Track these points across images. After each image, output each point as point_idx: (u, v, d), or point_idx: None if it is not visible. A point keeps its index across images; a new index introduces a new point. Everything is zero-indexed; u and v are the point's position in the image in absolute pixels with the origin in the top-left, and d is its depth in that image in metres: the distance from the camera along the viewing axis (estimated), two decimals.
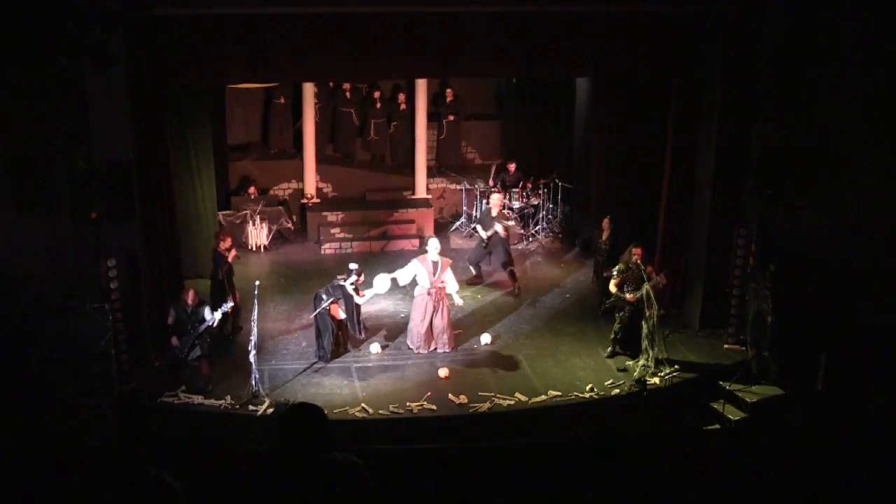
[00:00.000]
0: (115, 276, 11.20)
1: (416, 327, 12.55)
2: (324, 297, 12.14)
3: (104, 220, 10.93)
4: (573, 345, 12.91)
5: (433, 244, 12.46)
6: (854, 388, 10.50)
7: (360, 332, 12.58)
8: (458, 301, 12.72)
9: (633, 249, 11.96)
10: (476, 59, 12.63)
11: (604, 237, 13.76)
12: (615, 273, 12.08)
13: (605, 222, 13.78)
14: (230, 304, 11.75)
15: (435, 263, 12.39)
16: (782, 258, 11.74)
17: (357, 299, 12.29)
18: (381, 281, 12.66)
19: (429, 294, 12.39)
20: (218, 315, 11.40)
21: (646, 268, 11.94)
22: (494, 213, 14.63)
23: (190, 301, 11.29)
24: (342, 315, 12.31)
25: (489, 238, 14.40)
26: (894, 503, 6.23)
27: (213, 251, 12.77)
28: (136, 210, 11.39)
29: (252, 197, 16.44)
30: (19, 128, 10.64)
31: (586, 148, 15.87)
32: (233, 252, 12.79)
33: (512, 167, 16.85)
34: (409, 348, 12.64)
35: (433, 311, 12.45)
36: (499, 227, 14.32)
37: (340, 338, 12.49)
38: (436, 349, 12.55)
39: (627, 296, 11.95)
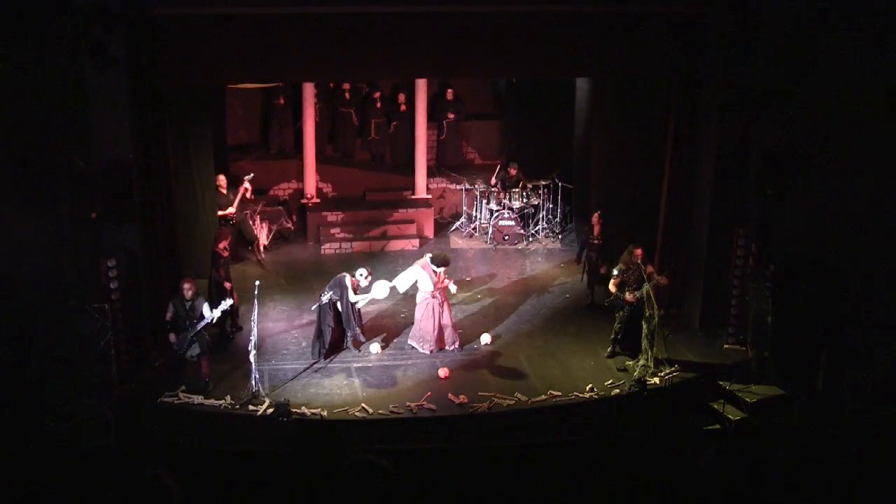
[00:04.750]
0: (115, 276, 11.20)
1: (427, 331, 12.50)
2: (326, 289, 12.15)
3: (104, 220, 10.93)
4: (573, 345, 12.91)
5: (430, 261, 12.42)
6: (854, 388, 10.51)
7: (357, 329, 12.50)
8: (454, 289, 12.64)
9: (635, 250, 11.96)
10: (476, 59, 12.64)
11: (595, 232, 13.75)
12: (615, 273, 12.08)
13: (596, 217, 13.79)
14: (229, 301, 11.74)
15: (436, 270, 12.38)
16: (782, 258, 11.75)
17: (351, 296, 12.25)
18: (380, 287, 12.66)
19: (433, 297, 12.40)
20: (217, 313, 11.38)
21: (646, 268, 11.95)
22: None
23: (188, 295, 11.24)
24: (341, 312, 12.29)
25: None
26: (894, 503, 6.23)
27: (212, 251, 12.78)
28: (136, 210, 11.39)
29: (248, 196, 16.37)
30: (19, 128, 10.64)
31: (586, 148, 15.88)
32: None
33: (513, 171, 16.87)
34: (411, 348, 12.63)
35: (440, 312, 12.46)
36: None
37: (340, 334, 12.47)
38: (444, 348, 12.56)
39: (627, 296, 11.95)
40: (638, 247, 12.01)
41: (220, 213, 14.48)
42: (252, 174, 15.27)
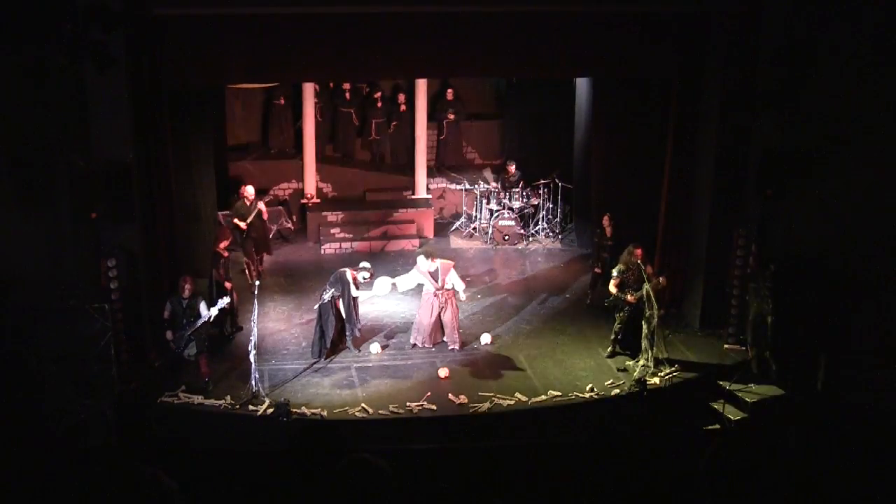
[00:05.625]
0: (115, 276, 11.20)
1: (422, 324, 12.57)
2: (327, 287, 12.17)
3: (104, 220, 10.93)
4: (573, 345, 12.91)
5: (421, 261, 12.44)
6: (854, 388, 10.50)
7: (357, 331, 12.52)
8: (462, 297, 12.69)
9: (635, 250, 11.96)
10: (476, 59, 12.64)
11: (608, 234, 13.73)
12: (615, 274, 12.08)
13: (607, 219, 13.77)
14: (226, 299, 11.73)
15: (433, 272, 12.39)
16: (782, 258, 11.74)
17: (353, 290, 12.25)
18: (382, 284, 12.66)
19: (436, 295, 12.41)
20: (214, 311, 11.36)
21: (645, 268, 11.95)
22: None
23: (186, 293, 11.24)
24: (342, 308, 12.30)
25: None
26: (894, 503, 6.23)
27: (213, 252, 12.78)
28: (136, 210, 11.38)
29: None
30: (19, 127, 10.64)
31: (586, 148, 15.88)
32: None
33: (511, 168, 16.86)
34: (412, 346, 12.64)
35: (441, 309, 12.47)
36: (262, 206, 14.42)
37: (341, 333, 12.47)
38: (441, 342, 12.57)
39: (628, 297, 11.96)
40: (638, 247, 12.01)
41: (236, 221, 14.08)
42: (269, 199, 15.72)
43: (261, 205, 14.41)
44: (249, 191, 14.33)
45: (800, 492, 5.36)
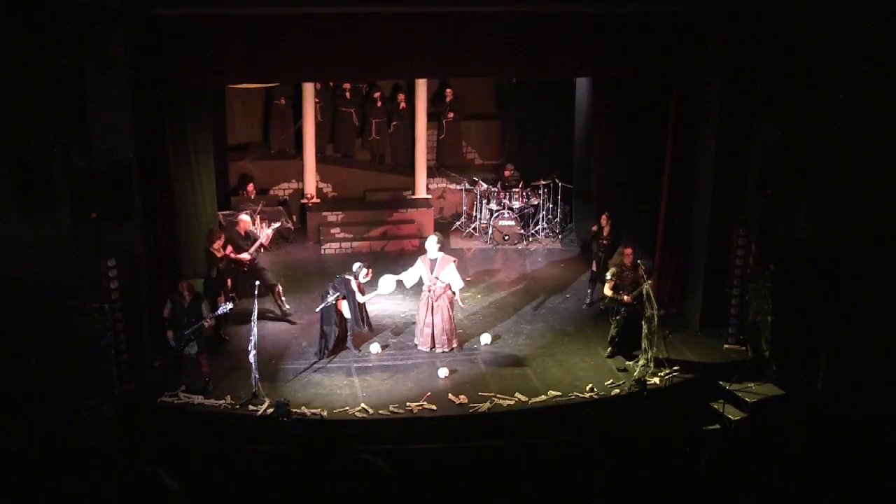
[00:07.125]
0: (115, 276, 11.20)
1: (418, 326, 12.61)
2: (330, 290, 12.17)
3: (104, 220, 10.93)
4: (573, 345, 12.91)
5: (431, 242, 12.44)
6: (854, 388, 10.50)
7: (365, 327, 12.54)
8: (460, 303, 12.71)
9: (624, 251, 12.01)
10: (476, 59, 12.63)
11: (605, 233, 13.73)
12: (608, 277, 12.11)
13: (605, 218, 13.77)
14: (230, 305, 11.71)
15: (433, 261, 12.38)
16: (782, 258, 11.75)
17: (359, 297, 12.27)
18: (386, 282, 12.66)
19: (429, 291, 12.39)
20: (212, 319, 11.38)
21: (637, 269, 11.99)
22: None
23: (188, 294, 11.25)
24: (347, 313, 12.31)
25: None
26: (894, 503, 6.23)
27: (206, 251, 12.77)
28: (136, 210, 11.39)
29: (251, 196, 16.41)
30: (19, 128, 10.64)
31: (586, 148, 15.87)
32: (228, 249, 12.74)
33: (508, 172, 16.89)
34: (413, 345, 12.65)
35: (432, 310, 12.44)
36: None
37: (343, 334, 12.47)
38: (434, 348, 12.52)
39: (625, 297, 11.97)
40: (628, 247, 12.07)
41: (234, 255, 12.88)
42: (278, 224, 14.34)
43: (262, 238, 13.36)
44: (245, 219, 13.49)
45: (800, 492, 5.36)
